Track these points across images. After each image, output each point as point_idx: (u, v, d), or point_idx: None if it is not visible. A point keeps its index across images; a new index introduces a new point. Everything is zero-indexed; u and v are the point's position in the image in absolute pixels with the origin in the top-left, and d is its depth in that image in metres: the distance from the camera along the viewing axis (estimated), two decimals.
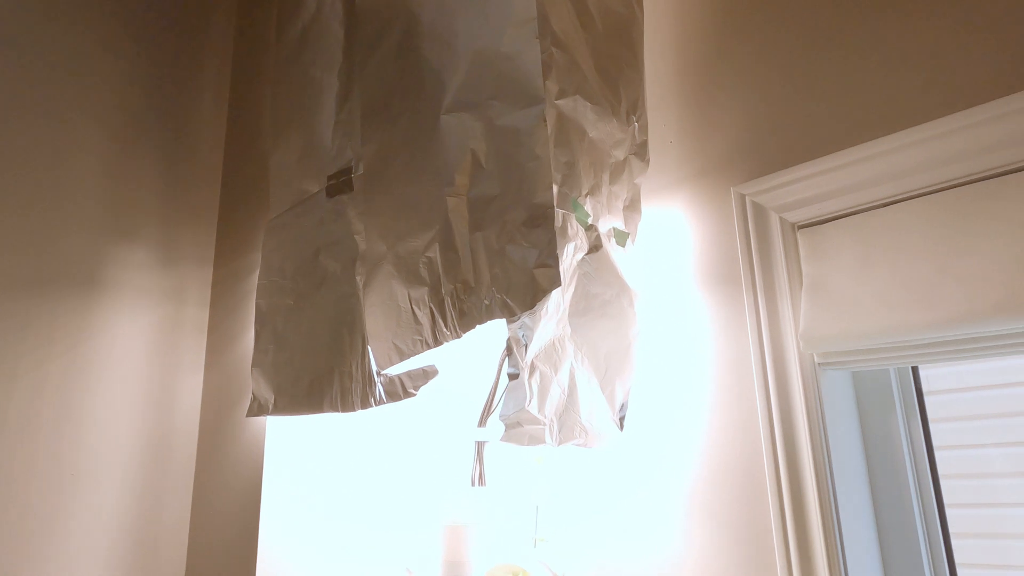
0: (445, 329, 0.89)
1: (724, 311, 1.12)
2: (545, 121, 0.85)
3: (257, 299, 1.21)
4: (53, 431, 1.21)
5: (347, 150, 1.14)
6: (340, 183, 1.13)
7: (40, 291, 1.22)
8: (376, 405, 1.03)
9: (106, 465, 1.25)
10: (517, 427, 0.83)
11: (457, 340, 0.88)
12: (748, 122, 1.15)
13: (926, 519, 1.05)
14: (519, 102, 0.87)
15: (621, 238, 1.15)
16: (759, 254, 1.09)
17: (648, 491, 1.13)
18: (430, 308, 0.91)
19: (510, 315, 0.82)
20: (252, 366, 1.17)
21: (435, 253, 0.91)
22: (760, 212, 1.11)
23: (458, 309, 0.87)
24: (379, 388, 1.03)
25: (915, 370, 1.13)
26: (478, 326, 0.85)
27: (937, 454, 1.11)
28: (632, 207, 1.18)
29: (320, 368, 1.10)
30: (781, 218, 1.09)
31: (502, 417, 0.82)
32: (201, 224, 1.47)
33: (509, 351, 0.82)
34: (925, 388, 1.14)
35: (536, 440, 0.87)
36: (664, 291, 1.19)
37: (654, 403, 1.15)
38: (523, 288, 0.81)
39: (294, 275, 1.17)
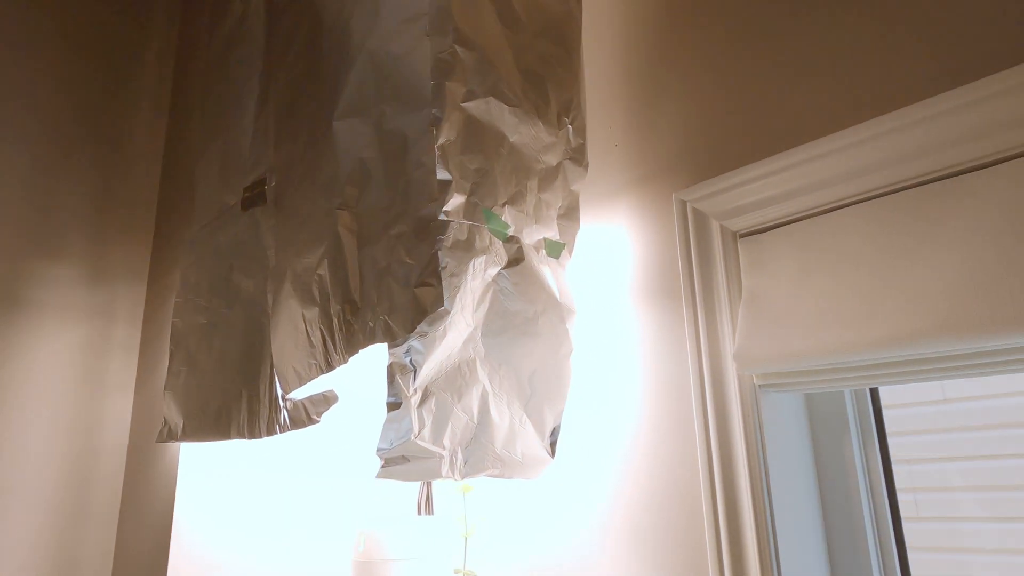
0: (335, 353, 0.82)
1: (664, 327, 1.04)
2: (434, 126, 0.77)
3: (173, 318, 1.15)
4: None
5: (263, 159, 1.08)
6: (255, 195, 1.07)
7: None
8: (281, 432, 0.96)
9: (23, 492, 1.19)
10: (401, 462, 0.75)
11: (345, 365, 0.81)
12: (694, 123, 1.07)
13: (881, 544, 0.96)
14: (408, 105, 0.80)
15: (554, 249, 1.07)
16: (699, 265, 1.01)
17: (582, 520, 1.05)
18: (320, 330, 0.84)
19: (392, 339, 0.75)
20: (164, 389, 1.11)
21: (325, 271, 0.84)
22: (701, 219, 1.02)
23: (345, 332, 0.80)
24: (284, 414, 0.96)
25: (874, 388, 1.04)
26: (361, 350, 0.78)
27: (896, 468, 1.02)
28: (568, 216, 1.09)
29: (229, 392, 1.03)
30: (722, 226, 1.00)
31: (378, 452, 0.74)
32: (135, 238, 1.41)
33: (390, 378, 0.75)
34: (885, 402, 1.05)
35: (430, 474, 0.79)
36: (603, 305, 1.11)
37: (588, 425, 1.07)
38: (404, 309, 0.74)
39: (208, 293, 1.10)
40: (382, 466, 0.74)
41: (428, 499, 1.36)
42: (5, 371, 1.20)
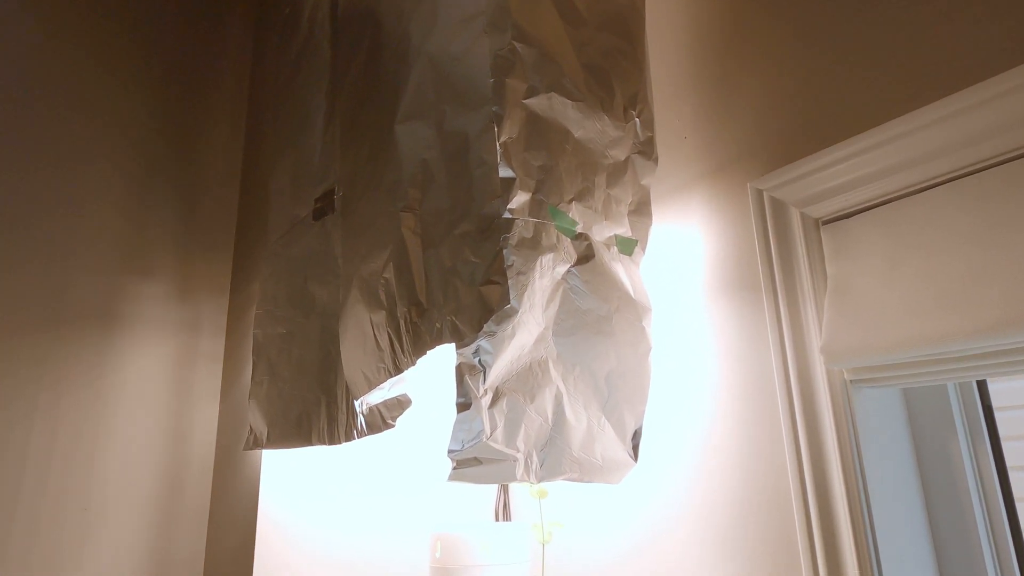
0: (402, 355, 0.82)
1: (744, 322, 0.99)
2: (495, 123, 0.76)
3: (254, 329, 1.18)
4: (68, 466, 1.22)
5: (331, 171, 1.10)
6: (324, 205, 1.09)
7: (57, 330, 1.25)
8: (359, 437, 0.97)
9: (122, 499, 1.25)
10: (474, 464, 0.74)
11: (413, 368, 0.81)
12: (766, 110, 1.02)
13: (997, 550, 0.88)
14: (468, 104, 0.79)
15: (626, 246, 1.04)
16: (779, 256, 0.96)
17: (663, 524, 1.01)
18: (388, 333, 0.84)
19: (459, 339, 0.74)
20: (248, 398, 1.14)
21: (391, 274, 0.84)
22: (779, 208, 0.97)
23: (411, 334, 0.80)
24: (360, 419, 0.96)
25: (982, 384, 0.96)
26: (429, 352, 0.78)
27: (1012, 476, 0.94)
28: (639, 211, 1.06)
29: (308, 399, 1.05)
30: (802, 214, 0.95)
31: (449, 453, 0.73)
32: (217, 253, 1.47)
33: (459, 378, 0.74)
34: (995, 404, 0.96)
35: (504, 477, 0.77)
36: (678, 302, 1.07)
37: (667, 428, 1.03)
38: (470, 308, 0.73)
39: (286, 304, 1.13)
40: (454, 468, 0.73)
41: (506, 506, 1.34)
42: (105, 382, 1.27)
